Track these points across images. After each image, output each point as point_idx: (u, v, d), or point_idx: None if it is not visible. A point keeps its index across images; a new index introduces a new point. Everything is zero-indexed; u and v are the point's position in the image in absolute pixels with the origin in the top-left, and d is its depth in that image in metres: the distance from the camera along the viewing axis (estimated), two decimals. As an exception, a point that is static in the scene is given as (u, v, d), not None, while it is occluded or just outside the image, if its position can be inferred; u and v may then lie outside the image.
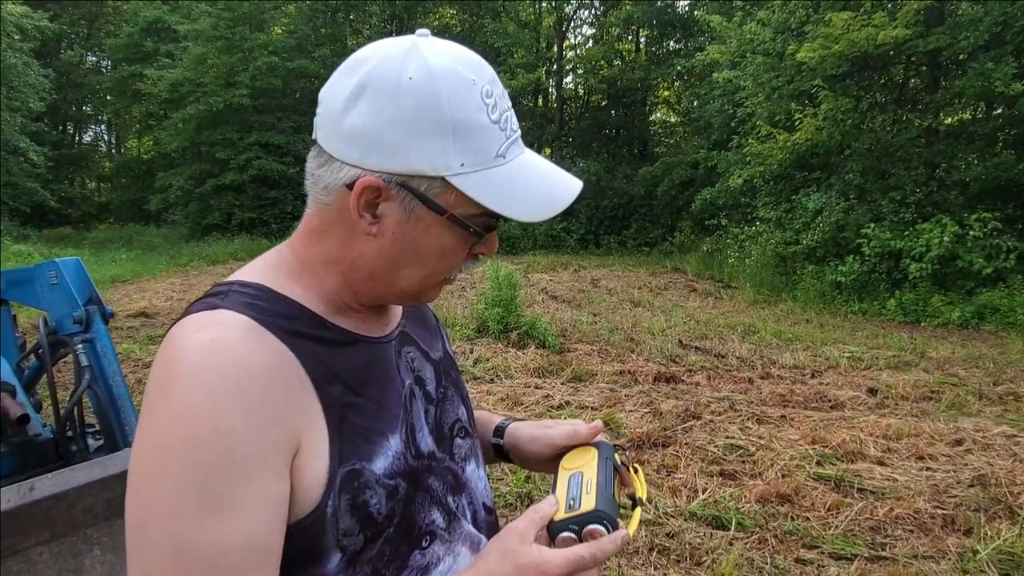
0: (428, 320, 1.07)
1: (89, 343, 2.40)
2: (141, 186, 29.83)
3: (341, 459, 0.77)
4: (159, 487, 0.68)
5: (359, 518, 0.78)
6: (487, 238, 0.85)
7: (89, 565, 1.99)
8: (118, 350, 7.46)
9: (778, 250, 13.04)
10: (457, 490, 0.94)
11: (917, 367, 6.95)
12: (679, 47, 23.75)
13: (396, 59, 0.77)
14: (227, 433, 0.68)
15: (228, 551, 0.68)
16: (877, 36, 10.53)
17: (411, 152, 0.75)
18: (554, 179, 0.84)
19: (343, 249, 0.83)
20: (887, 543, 3.34)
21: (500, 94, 0.80)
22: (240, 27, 21.84)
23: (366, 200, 0.78)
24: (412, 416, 0.89)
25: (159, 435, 0.69)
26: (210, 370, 0.70)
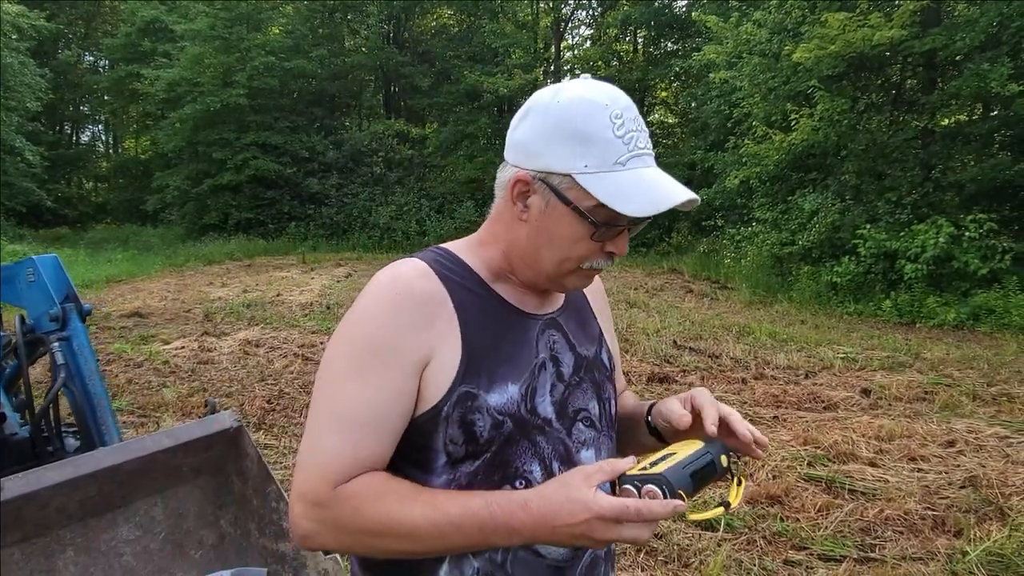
0: (589, 326, 1.22)
1: (66, 341, 2.37)
2: (138, 186, 29.77)
3: (464, 380, 0.99)
4: (334, 351, 1.01)
5: (465, 432, 0.99)
6: (617, 238, 1.03)
7: (62, 566, 1.97)
8: (110, 349, 7.48)
9: (774, 251, 13.01)
10: (566, 463, 1.06)
11: (911, 368, 6.93)
12: (677, 48, 23.69)
13: (554, 90, 1.02)
14: (378, 328, 0.98)
15: (356, 409, 0.97)
16: (873, 37, 10.50)
17: (550, 154, 0.99)
18: (662, 188, 0.98)
19: (506, 232, 1.07)
20: (876, 544, 3.32)
21: (632, 119, 0.99)
22: (237, 27, 21.80)
23: (518, 191, 1.03)
24: (537, 381, 1.06)
25: (347, 319, 1.02)
26: (385, 288, 1.01)
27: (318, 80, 24.45)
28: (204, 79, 21.63)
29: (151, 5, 26.24)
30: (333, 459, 0.96)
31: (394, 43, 25.57)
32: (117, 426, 2.33)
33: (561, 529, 0.87)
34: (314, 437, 0.99)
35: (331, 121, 24.82)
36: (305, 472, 0.97)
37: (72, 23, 33.39)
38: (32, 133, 23.56)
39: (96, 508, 1.99)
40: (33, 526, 1.87)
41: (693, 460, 0.95)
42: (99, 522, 2.02)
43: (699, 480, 0.94)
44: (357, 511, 0.94)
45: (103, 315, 9.69)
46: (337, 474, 0.95)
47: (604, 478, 0.89)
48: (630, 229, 1.05)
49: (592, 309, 1.26)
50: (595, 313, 1.26)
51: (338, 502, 0.94)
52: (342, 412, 0.97)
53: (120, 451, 1.97)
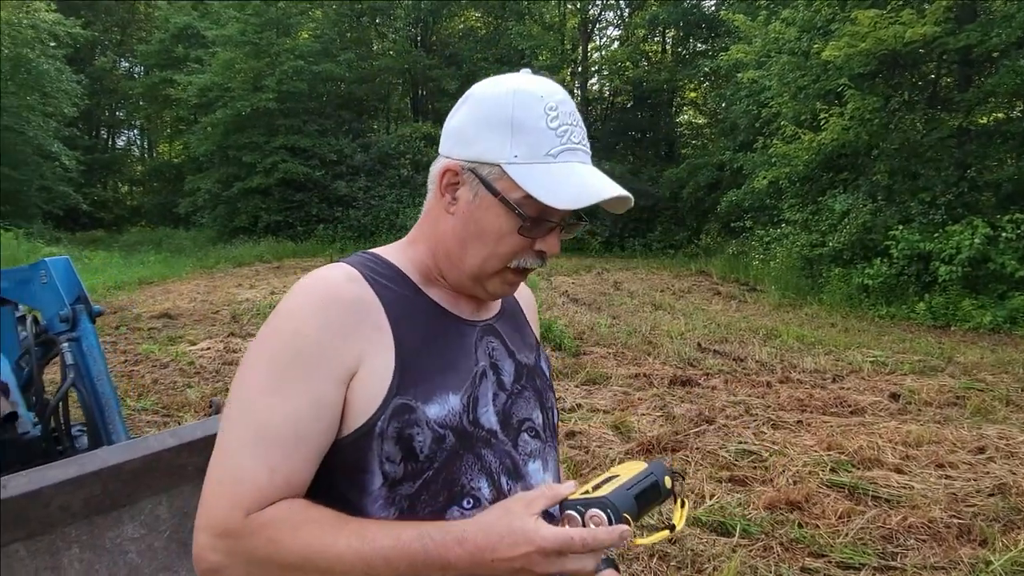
0: (526, 333, 1.17)
1: (75, 341, 2.40)
2: (172, 190, 30.34)
3: (399, 391, 0.92)
4: (249, 363, 0.93)
5: (403, 448, 0.91)
6: (548, 236, 0.98)
7: (67, 563, 1.98)
8: (138, 350, 7.60)
9: (804, 252, 12.81)
10: (514, 476, 1.00)
11: (943, 372, 6.76)
12: (706, 47, 23.50)
13: (491, 81, 0.99)
14: (301, 335, 0.90)
15: (273, 424, 0.88)
16: (905, 34, 10.28)
17: (480, 143, 0.95)
18: (592, 183, 0.94)
19: (434, 227, 1.02)
20: (898, 552, 3.22)
21: (567, 113, 0.96)
22: (267, 32, 22.10)
23: (447, 182, 0.99)
24: (478, 391, 1.00)
25: (267, 326, 0.94)
26: (308, 292, 0.94)
27: (346, 84, 24.69)
28: (235, 84, 21.96)
29: (184, 11, 26.76)
30: (246, 482, 0.86)
31: (421, 46, 25.73)
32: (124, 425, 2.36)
33: (500, 563, 0.81)
34: (225, 456, 0.89)
35: (359, 124, 25.03)
36: (213, 497, 0.87)
37: (108, 30, 34.20)
38: (69, 138, 24.16)
39: (101, 506, 2.00)
40: (38, 523, 1.89)
41: (637, 482, 0.90)
42: (104, 520, 2.03)
43: (644, 503, 0.90)
44: (273, 542, 0.84)
45: (133, 316, 9.87)
46: (250, 500, 0.85)
47: (546, 504, 0.85)
48: (563, 228, 1.00)
49: (525, 316, 1.21)
50: (528, 320, 1.21)
51: (251, 532, 0.84)
52: (257, 428, 0.88)
53: (124, 450, 1.99)
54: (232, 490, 0.86)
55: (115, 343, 8.00)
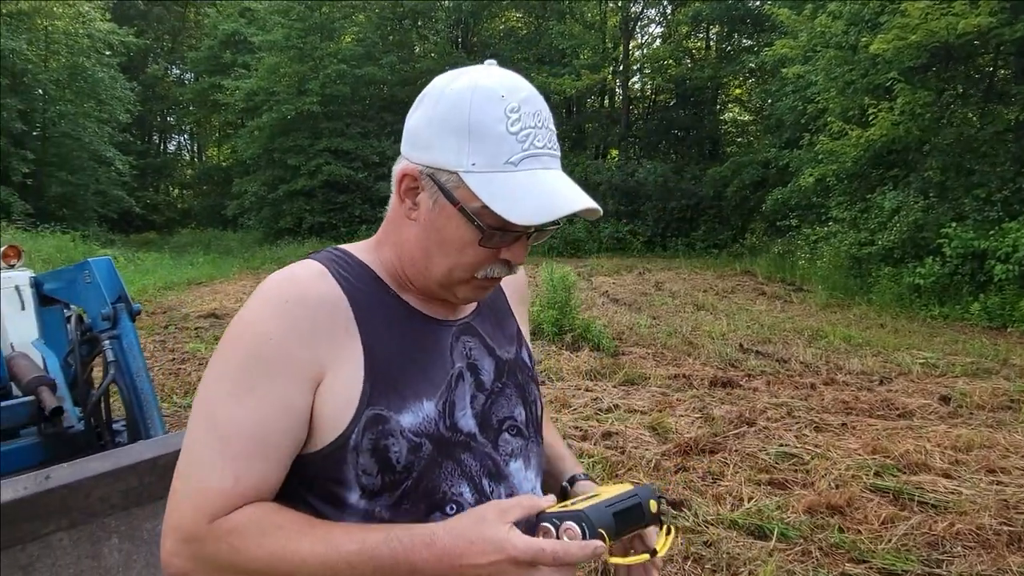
0: (506, 325, 1.12)
1: (116, 339, 2.48)
2: (220, 192, 31.13)
3: (370, 402, 0.88)
4: (212, 369, 0.90)
5: (379, 460, 0.88)
6: (513, 245, 0.92)
7: (107, 553, 2.05)
8: (185, 348, 7.81)
9: (852, 251, 12.48)
10: (496, 478, 0.98)
11: (998, 375, 6.51)
12: (750, 43, 23.08)
13: (451, 76, 0.93)
14: (263, 337, 0.87)
15: (237, 429, 0.85)
16: (958, 25, 9.94)
17: (437, 148, 0.89)
18: (557, 194, 0.88)
19: (397, 233, 0.97)
20: (943, 559, 3.11)
21: (530, 113, 0.88)
22: (311, 36, 22.52)
23: (406, 187, 0.93)
24: (455, 395, 0.96)
25: (230, 329, 0.91)
26: (276, 289, 0.90)
27: (388, 86, 24.97)
28: (280, 88, 22.42)
29: (231, 18, 27.39)
30: (210, 488, 0.84)
31: (463, 47, 25.88)
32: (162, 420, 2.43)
33: (468, 569, 0.79)
34: (190, 460, 0.87)
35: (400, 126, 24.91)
36: (178, 502, 0.86)
37: (159, 38, 35.25)
38: (122, 144, 24.99)
39: (139, 498, 2.06)
40: (79, 513, 1.95)
41: (618, 501, 0.88)
42: (142, 512, 2.09)
43: (623, 522, 0.87)
44: (236, 549, 0.82)
45: (182, 316, 10.14)
46: (214, 505, 0.84)
47: (521, 514, 0.82)
48: (531, 236, 0.94)
49: (509, 305, 1.16)
50: (512, 309, 1.16)
51: (215, 538, 0.83)
52: (222, 432, 0.86)
53: (159, 444, 2.05)
54: (196, 496, 0.85)
55: (164, 342, 8.23)
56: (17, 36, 19.08)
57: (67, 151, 21.92)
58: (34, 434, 2.41)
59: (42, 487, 1.84)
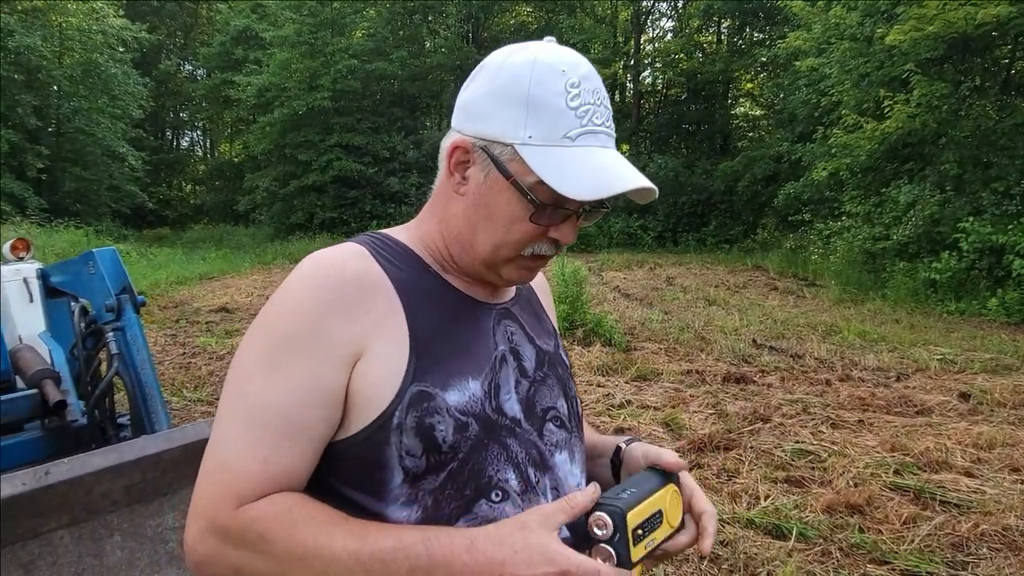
0: (543, 319, 1.11)
1: (120, 331, 2.44)
2: (232, 188, 31.22)
3: (415, 377, 0.85)
4: (244, 347, 0.88)
5: (424, 440, 0.84)
6: (563, 224, 0.90)
7: (110, 550, 2.00)
8: (196, 343, 7.80)
9: (866, 246, 12.33)
10: (541, 468, 0.93)
11: (1018, 371, 6.38)
12: (762, 36, 22.88)
13: (510, 49, 0.90)
14: (296, 313, 0.84)
15: (264, 407, 0.82)
16: (976, 15, 9.77)
17: (494, 119, 0.87)
18: (612, 171, 0.86)
19: (444, 209, 0.95)
20: (969, 561, 3.03)
21: (590, 90, 0.87)
22: (322, 32, 22.49)
23: (456, 160, 0.91)
24: (499, 377, 0.93)
25: (265, 308, 0.89)
26: (313, 267, 0.88)
27: (399, 81, 24.93)
28: (291, 83, 22.41)
29: (243, 14, 27.40)
30: (236, 473, 0.81)
31: (473, 42, 25.79)
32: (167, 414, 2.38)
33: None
34: (218, 444, 0.84)
35: (411, 121, 25.25)
36: (205, 487, 0.83)
37: (172, 34, 35.36)
38: (135, 139, 25.07)
39: (142, 495, 2.02)
40: (81, 510, 1.91)
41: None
42: (145, 509, 2.05)
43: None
44: (264, 538, 0.79)
45: (193, 310, 10.14)
46: (242, 491, 0.81)
47: (565, 519, 0.79)
48: (581, 216, 0.92)
49: (541, 302, 1.14)
50: (544, 306, 1.14)
51: (241, 526, 0.80)
52: (249, 413, 0.83)
53: (163, 439, 2.00)
54: (222, 480, 0.82)
55: (174, 336, 8.23)
56: (32, 32, 19.14)
57: (81, 147, 22.02)
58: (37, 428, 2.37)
59: (42, 483, 1.79)
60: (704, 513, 0.92)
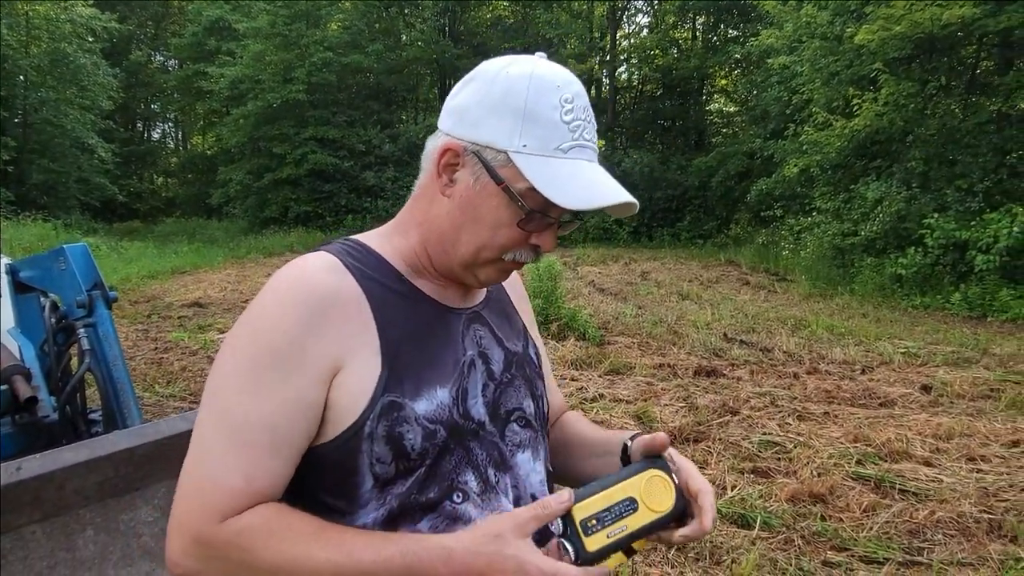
0: (513, 320, 1.13)
1: (92, 327, 2.44)
2: (205, 181, 30.85)
3: (387, 388, 0.88)
4: (222, 364, 0.88)
5: (393, 448, 0.87)
6: (545, 232, 0.94)
7: (82, 545, 2.02)
8: (168, 338, 7.74)
9: (835, 242, 12.57)
10: (501, 468, 0.97)
11: (978, 364, 6.57)
12: (736, 34, 23.09)
13: (505, 61, 0.94)
14: (276, 332, 0.86)
15: (250, 425, 0.84)
16: (942, 16, 9.98)
17: (488, 126, 0.90)
18: (601, 185, 0.90)
19: (426, 211, 0.97)
20: (924, 548, 3.14)
21: (582, 107, 0.91)
22: (297, 24, 22.29)
23: (446, 162, 0.93)
24: (467, 382, 0.96)
25: (241, 323, 0.90)
26: (288, 282, 0.89)
27: (375, 74, 24.81)
28: (265, 76, 22.19)
29: (216, 5, 27.03)
30: (221, 488, 0.83)
31: (450, 36, 25.71)
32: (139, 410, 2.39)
33: None
34: (199, 459, 0.85)
35: (387, 115, 25.14)
36: (187, 500, 0.84)
37: (142, 24, 34.76)
38: (105, 131, 24.61)
39: (115, 489, 2.03)
40: (52, 506, 1.92)
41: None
42: (118, 503, 2.06)
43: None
44: (247, 552, 0.81)
45: (165, 305, 10.04)
46: (225, 505, 0.82)
47: (537, 526, 0.82)
48: (560, 225, 0.96)
49: (512, 301, 1.17)
50: (515, 306, 1.17)
51: (225, 540, 0.81)
52: (234, 429, 0.84)
53: (135, 434, 2.01)
54: (206, 495, 0.83)
55: (146, 331, 8.15)
56: (-4, 21, 18.74)
57: (48, 138, 21.59)
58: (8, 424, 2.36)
59: (12, 478, 1.80)
60: (700, 491, 0.94)
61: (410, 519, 0.89)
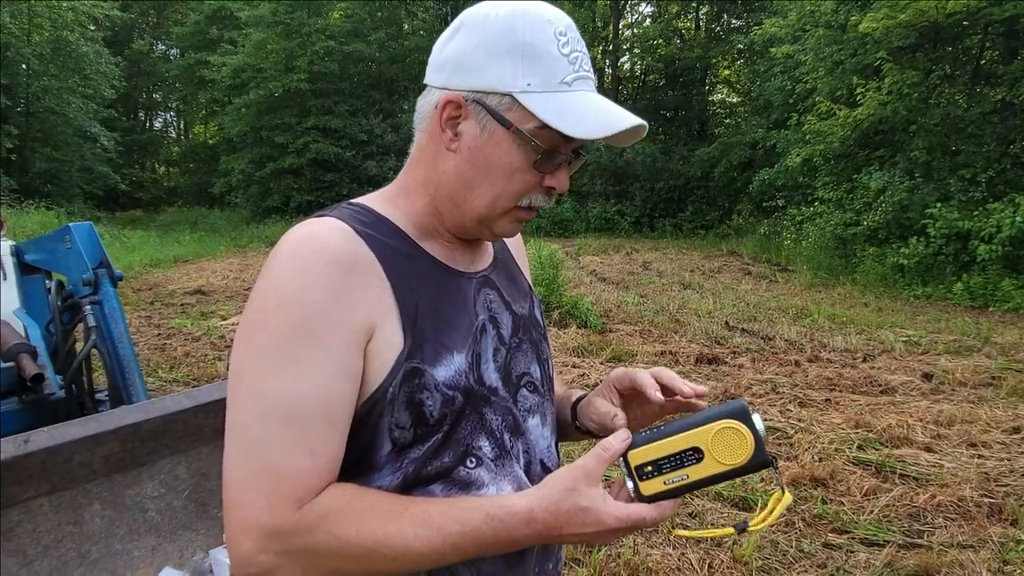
0: (519, 282, 1.11)
1: (98, 305, 2.45)
2: (207, 170, 30.78)
3: (409, 355, 0.86)
4: (253, 340, 0.83)
5: (413, 414, 0.86)
6: (557, 171, 0.92)
7: (89, 519, 2.04)
8: (171, 324, 7.76)
9: (837, 232, 12.55)
10: (515, 433, 0.97)
11: (979, 352, 6.59)
12: (740, 23, 22.98)
13: (489, 5, 0.90)
14: (309, 302, 0.81)
15: (300, 401, 0.80)
16: (947, 4, 9.94)
17: (487, 71, 0.87)
18: (611, 111, 0.88)
19: (431, 170, 0.94)
20: (924, 530, 3.16)
21: (576, 39, 0.90)
22: (299, 12, 22.17)
23: (448, 115, 0.90)
24: (480, 347, 0.95)
25: (258, 298, 0.84)
26: (306, 251, 0.84)
27: (376, 64, 24.70)
28: (267, 65, 22.12)
29: (217, -7, 26.91)
30: (287, 471, 0.79)
31: (451, 25, 25.57)
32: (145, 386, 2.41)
33: (568, 537, 0.82)
34: (250, 447, 0.80)
35: (389, 104, 25.05)
36: (250, 496, 0.79)
37: (144, 13, 34.60)
38: (108, 120, 24.58)
39: (121, 464, 2.05)
40: (60, 479, 1.94)
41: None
42: (124, 478, 2.08)
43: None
44: (335, 536, 0.79)
45: (168, 292, 10.07)
46: (298, 491, 0.79)
47: (605, 467, 0.83)
48: (570, 163, 0.94)
49: (515, 259, 1.15)
50: (518, 264, 1.16)
51: (308, 526, 0.79)
52: (283, 408, 0.80)
53: (141, 410, 2.03)
54: (273, 483, 0.79)
55: (149, 317, 8.18)
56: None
57: (51, 127, 21.57)
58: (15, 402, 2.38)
59: (21, 451, 1.81)
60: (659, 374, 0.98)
61: (424, 483, 0.89)
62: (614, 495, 0.86)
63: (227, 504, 0.80)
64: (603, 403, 1.02)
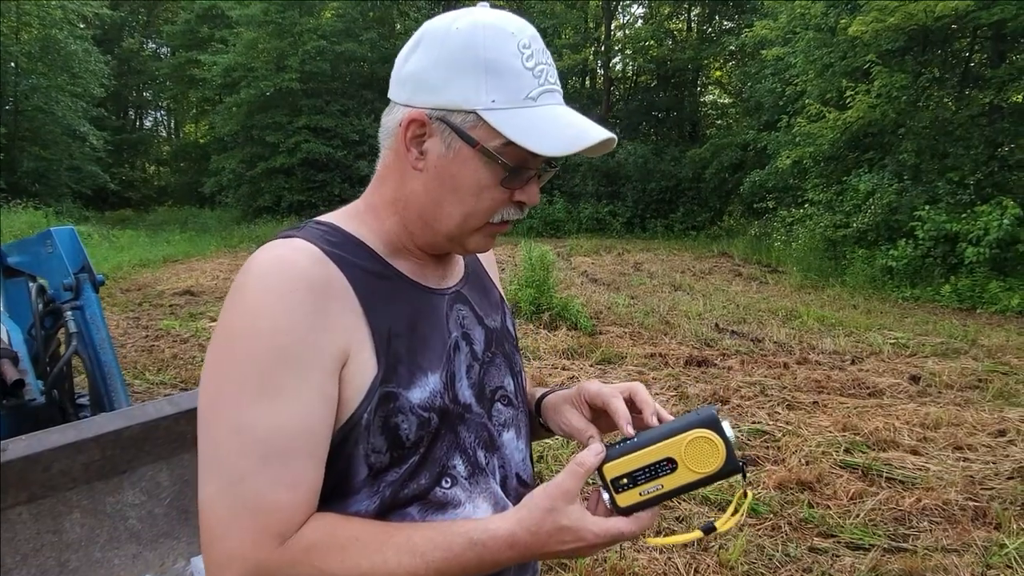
0: (491, 293, 1.10)
1: (79, 310, 2.43)
2: (197, 170, 30.63)
3: (383, 379, 0.85)
4: (225, 373, 0.80)
5: (389, 438, 0.85)
6: (527, 186, 0.90)
7: (69, 527, 2.02)
8: (159, 326, 7.72)
9: (827, 233, 12.61)
10: (490, 448, 0.96)
11: (966, 355, 6.62)
12: (731, 25, 23.05)
13: (450, 17, 0.88)
14: (284, 330, 0.79)
15: (280, 433, 0.78)
16: (936, 8, 9.99)
17: (450, 88, 0.85)
18: (578, 126, 0.87)
19: (398, 189, 0.92)
20: (909, 534, 3.17)
21: (540, 50, 0.87)
22: (290, 11, 22.10)
23: (412, 134, 0.88)
24: (454, 365, 0.93)
25: (229, 327, 0.81)
26: (277, 276, 0.81)
27: (369, 63, 24.63)
28: (258, 64, 22.04)
29: (208, -9, 26.79)
30: (269, 505, 0.77)
31: (443, 25, 25.53)
32: (127, 393, 2.38)
33: (550, 554, 0.83)
34: (229, 482, 0.77)
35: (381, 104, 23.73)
36: (231, 532, 0.77)
37: (134, 11, 34.37)
38: (97, 119, 24.44)
39: (101, 472, 2.03)
40: (39, 487, 1.92)
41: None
42: (105, 485, 2.06)
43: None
44: (319, 569, 0.78)
45: (157, 293, 10.00)
46: (282, 524, 0.78)
47: (581, 483, 0.83)
48: (540, 176, 0.92)
49: (485, 269, 1.14)
50: (488, 274, 1.14)
51: (292, 561, 0.77)
52: (262, 441, 0.77)
53: (122, 417, 2.01)
54: (256, 520, 0.77)
55: (137, 319, 8.13)
56: (-15, 7, 18.56)
57: (40, 125, 21.41)
58: (-5, 409, 2.36)
59: (-2, 460, 1.80)
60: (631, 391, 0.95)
61: (402, 506, 0.88)
62: (592, 507, 0.87)
63: (208, 536, 0.78)
64: (576, 417, 1.00)
